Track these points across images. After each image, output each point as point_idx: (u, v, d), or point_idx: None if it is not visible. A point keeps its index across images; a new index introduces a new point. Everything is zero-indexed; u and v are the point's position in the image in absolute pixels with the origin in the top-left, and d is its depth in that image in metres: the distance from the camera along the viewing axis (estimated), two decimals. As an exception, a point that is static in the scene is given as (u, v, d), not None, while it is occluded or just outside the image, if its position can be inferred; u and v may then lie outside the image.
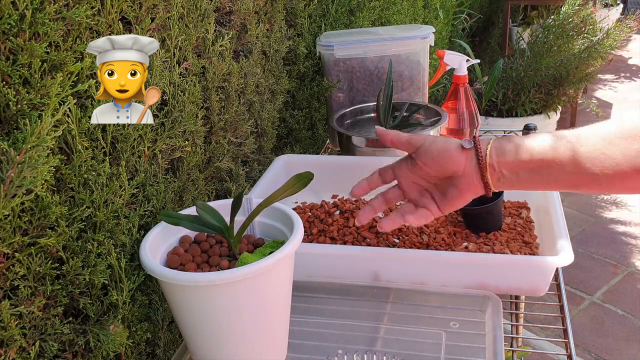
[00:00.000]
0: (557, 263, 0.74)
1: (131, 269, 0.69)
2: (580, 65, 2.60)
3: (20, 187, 0.50)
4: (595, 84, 4.08)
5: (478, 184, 0.67)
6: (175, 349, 0.80)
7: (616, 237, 2.38)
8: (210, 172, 0.93)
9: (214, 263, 0.66)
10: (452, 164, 0.67)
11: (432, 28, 1.28)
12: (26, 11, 0.52)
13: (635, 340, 1.81)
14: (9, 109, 0.52)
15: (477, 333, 0.71)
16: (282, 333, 0.68)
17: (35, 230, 0.56)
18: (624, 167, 0.57)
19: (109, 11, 0.64)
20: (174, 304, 0.63)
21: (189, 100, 0.80)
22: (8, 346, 0.53)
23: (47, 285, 0.57)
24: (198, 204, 0.67)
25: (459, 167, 0.67)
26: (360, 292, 0.80)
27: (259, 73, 1.03)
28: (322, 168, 1.05)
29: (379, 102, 1.14)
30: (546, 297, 0.84)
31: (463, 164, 0.66)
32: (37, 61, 0.53)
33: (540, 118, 2.71)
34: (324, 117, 1.35)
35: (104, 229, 0.65)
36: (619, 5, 4.23)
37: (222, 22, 0.94)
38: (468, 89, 1.30)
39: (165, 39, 0.76)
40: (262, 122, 1.10)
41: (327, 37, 1.26)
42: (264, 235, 0.72)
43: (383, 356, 0.66)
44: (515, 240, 0.88)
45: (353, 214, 0.94)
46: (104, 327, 0.64)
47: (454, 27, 2.87)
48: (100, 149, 0.65)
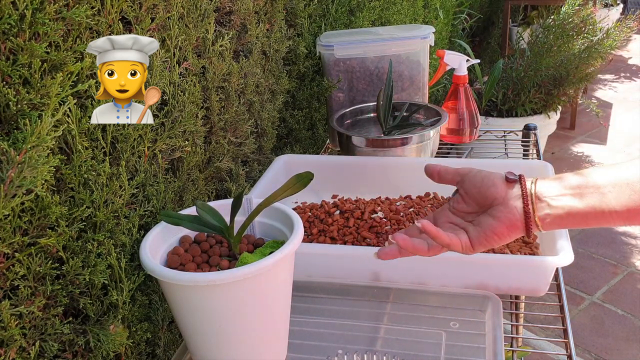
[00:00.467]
0: (557, 263, 0.74)
1: (131, 269, 0.69)
2: (580, 65, 2.59)
3: (20, 187, 0.50)
4: (595, 84, 4.09)
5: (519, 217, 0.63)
6: (175, 349, 0.80)
7: (616, 237, 2.38)
8: (210, 172, 0.93)
9: (214, 263, 0.66)
10: (494, 190, 0.64)
11: (432, 28, 1.28)
12: (26, 11, 0.52)
13: (635, 340, 1.81)
14: (9, 109, 0.52)
15: (477, 333, 0.71)
16: (282, 333, 0.68)
17: (35, 230, 0.56)
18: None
19: (109, 11, 0.64)
20: (174, 304, 0.63)
21: (189, 100, 0.80)
22: (8, 346, 0.53)
23: (47, 285, 0.57)
24: (198, 204, 0.67)
25: (500, 194, 0.64)
26: (360, 292, 0.80)
27: (259, 73, 1.03)
28: (322, 168, 1.05)
29: (379, 102, 1.14)
30: (546, 297, 0.84)
31: (505, 191, 0.64)
32: (37, 61, 0.53)
33: (540, 118, 2.71)
34: (324, 117, 1.35)
35: (104, 229, 0.65)
36: (619, 5, 4.22)
37: (222, 22, 0.94)
38: (468, 89, 1.30)
39: (165, 39, 0.76)
40: (262, 122, 1.10)
41: (327, 37, 1.26)
42: (264, 235, 0.72)
43: (383, 356, 0.66)
44: (515, 240, 0.87)
45: (353, 214, 0.94)
46: (104, 327, 0.64)
47: (454, 27, 2.87)
48: (100, 149, 0.65)
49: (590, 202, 0.60)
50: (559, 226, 0.62)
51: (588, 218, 0.60)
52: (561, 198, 0.61)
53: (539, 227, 0.62)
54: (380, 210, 0.96)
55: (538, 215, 0.62)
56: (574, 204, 0.60)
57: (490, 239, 0.64)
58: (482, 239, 0.64)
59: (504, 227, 0.63)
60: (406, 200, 0.99)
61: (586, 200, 0.60)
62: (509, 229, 0.63)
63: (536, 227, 0.62)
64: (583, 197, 0.60)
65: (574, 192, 0.61)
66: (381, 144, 1.09)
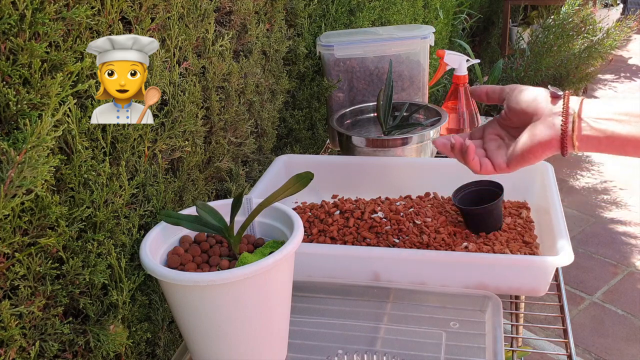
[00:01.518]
0: (557, 263, 0.74)
1: (131, 269, 0.69)
2: (580, 65, 2.60)
3: (20, 187, 0.50)
4: (595, 84, 4.08)
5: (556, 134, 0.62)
6: (175, 349, 0.80)
7: (616, 237, 2.38)
8: (210, 172, 0.93)
9: (214, 263, 0.66)
10: (535, 105, 0.65)
11: (432, 28, 1.28)
12: (26, 11, 0.52)
13: (635, 340, 1.81)
14: (9, 109, 0.52)
15: (477, 333, 0.71)
16: (282, 333, 0.68)
17: (35, 230, 0.56)
18: None
19: (109, 11, 0.64)
20: (174, 304, 0.63)
21: (189, 100, 0.80)
22: (8, 346, 0.53)
23: (47, 285, 0.57)
24: (198, 204, 0.67)
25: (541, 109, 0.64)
26: (360, 292, 0.80)
27: (259, 73, 1.03)
28: (322, 168, 1.05)
29: (379, 102, 1.14)
30: (546, 297, 0.84)
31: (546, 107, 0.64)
32: (37, 61, 0.53)
33: (540, 118, 2.70)
34: (324, 117, 1.35)
35: (104, 229, 0.65)
36: (619, 5, 4.22)
37: (222, 22, 0.94)
38: (468, 89, 1.30)
39: (165, 39, 0.76)
40: (262, 122, 1.10)
41: (327, 37, 1.26)
42: (264, 235, 0.72)
43: (383, 356, 0.66)
44: (515, 240, 0.88)
45: (353, 214, 0.94)
46: (104, 327, 0.64)
47: (454, 27, 2.87)
48: (100, 149, 0.65)
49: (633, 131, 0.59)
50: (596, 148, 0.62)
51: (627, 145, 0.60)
52: (603, 122, 0.61)
53: (575, 147, 0.62)
54: (380, 210, 0.96)
55: (577, 134, 0.62)
56: (616, 129, 0.60)
57: (527, 158, 0.65)
58: (518, 158, 0.66)
59: (538, 145, 0.64)
60: (406, 200, 0.99)
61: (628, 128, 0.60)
62: (543, 147, 0.64)
63: (572, 147, 0.62)
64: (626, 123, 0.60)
65: (619, 117, 0.60)
66: (381, 144, 1.09)
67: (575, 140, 0.62)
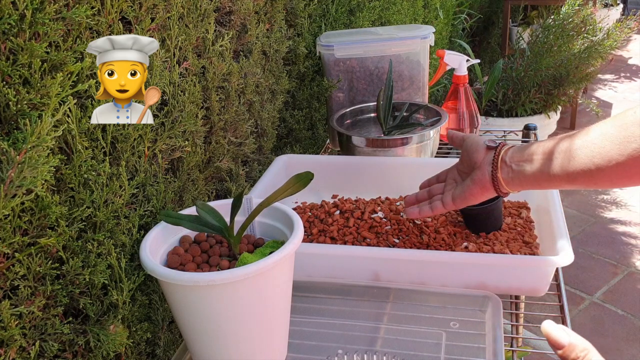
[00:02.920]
0: (557, 263, 0.74)
1: (131, 269, 0.69)
2: (580, 65, 2.60)
3: (20, 187, 0.50)
4: (595, 84, 4.09)
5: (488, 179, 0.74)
6: (175, 349, 0.80)
7: (616, 237, 2.38)
8: (210, 172, 0.93)
9: (214, 263, 0.66)
10: (476, 155, 0.76)
11: (432, 28, 1.28)
12: (26, 11, 0.52)
13: (635, 340, 1.81)
14: (9, 109, 0.52)
15: (477, 333, 0.71)
16: (282, 333, 0.68)
17: (35, 230, 0.56)
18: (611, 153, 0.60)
19: (109, 11, 0.64)
20: (174, 304, 0.63)
21: (189, 100, 0.80)
22: (8, 346, 0.53)
23: (47, 285, 0.57)
24: (198, 204, 0.67)
25: (479, 159, 0.76)
26: (360, 292, 0.80)
27: (259, 73, 1.03)
28: (322, 168, 1.05)
29: (379, 102, 1.14)
30: (546, 297, 0.84)
31: (483, 156, 0.75)
32: (37, 61, 0.53)
33: (540, 118, 2.71)
34: (324, 117, 1.35)
35: (104, 229, 0.65)
36: (619, 5, 4.23)
37: (222, 22, 0.94)
38: (468, 89, 1.30)
39: (165, 39, 0.76)
40: (262, 122, 1.10)
41: (327, 37, 1.26)
42: (264, 235, 0.72)
43: (383, 356, 0.66)
44: (515, 240, 0.88)
45: (353, 214, 0.94)
46: (104, 327, 0.64)
47: (454, 27, 2.87)
48: (100, 149, 0.65)
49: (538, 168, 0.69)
50: (522, 187, 0.72)
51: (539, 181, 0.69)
52: (520, 163, 0.71)
53: (504, 188, 0.73)
54: (380, 210, 0.96)
55: (503, 177, 0.73)
56: (527, 168, 0.70)
57: (468, 198, 0.77)
58: (462, 197, 0.78)
59: (477, 187, 0.75)
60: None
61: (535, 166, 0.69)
62: (481, 189, 0.75)
63: (504, 188, 0.73)
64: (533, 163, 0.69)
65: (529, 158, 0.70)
66: (381, 144, 1.09)
67: (503, 183, 0.73)
